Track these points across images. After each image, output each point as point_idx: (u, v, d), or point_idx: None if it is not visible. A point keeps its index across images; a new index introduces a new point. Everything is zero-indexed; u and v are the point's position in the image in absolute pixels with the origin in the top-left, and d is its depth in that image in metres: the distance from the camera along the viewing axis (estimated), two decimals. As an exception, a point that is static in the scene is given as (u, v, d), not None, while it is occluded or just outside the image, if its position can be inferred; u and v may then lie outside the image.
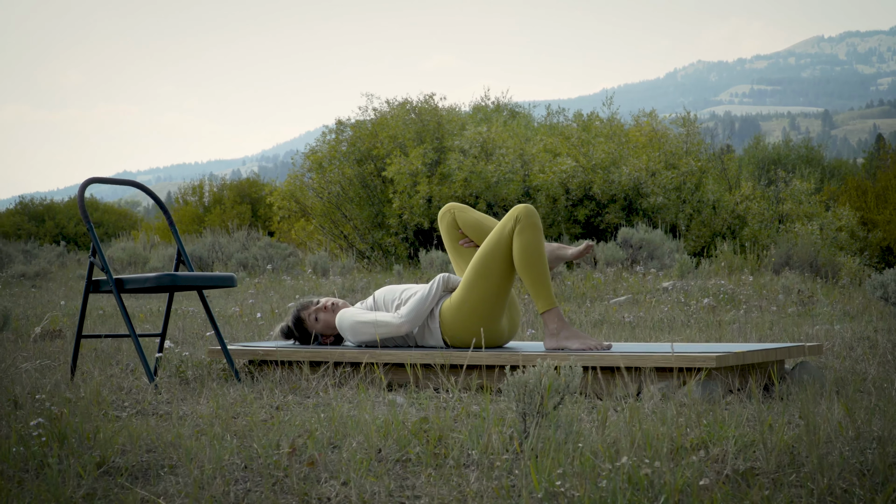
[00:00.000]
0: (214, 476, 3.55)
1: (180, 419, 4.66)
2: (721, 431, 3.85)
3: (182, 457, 3.76)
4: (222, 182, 41.85)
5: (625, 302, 11.90)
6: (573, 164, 21.06)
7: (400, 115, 23.40)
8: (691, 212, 20.54)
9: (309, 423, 4.39)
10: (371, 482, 3.42)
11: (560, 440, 3.48)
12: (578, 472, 3.03)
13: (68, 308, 11.65)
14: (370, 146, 23.32)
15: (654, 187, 20.57)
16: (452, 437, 3.84)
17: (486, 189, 21.37)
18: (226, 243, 21.68)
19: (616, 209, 20.83)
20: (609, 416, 4.24)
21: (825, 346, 7.53)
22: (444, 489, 3.30)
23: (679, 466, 3.08)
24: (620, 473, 2.95)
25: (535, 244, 6.01)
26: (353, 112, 35.63)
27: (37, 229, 43.25)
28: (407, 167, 21.88)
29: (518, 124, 25.24)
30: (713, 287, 12.58)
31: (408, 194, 21.93)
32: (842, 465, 3.36)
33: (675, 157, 21.25)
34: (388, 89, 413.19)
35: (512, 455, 3.52)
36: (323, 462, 3.64)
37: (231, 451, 3.83)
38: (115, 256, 20.06)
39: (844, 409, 4.18)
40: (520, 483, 3.13)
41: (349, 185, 23.48)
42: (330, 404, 4.95)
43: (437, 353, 5.95)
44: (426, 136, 22.83)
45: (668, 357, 5.47)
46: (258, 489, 3.43)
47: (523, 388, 3.73)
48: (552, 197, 21.13)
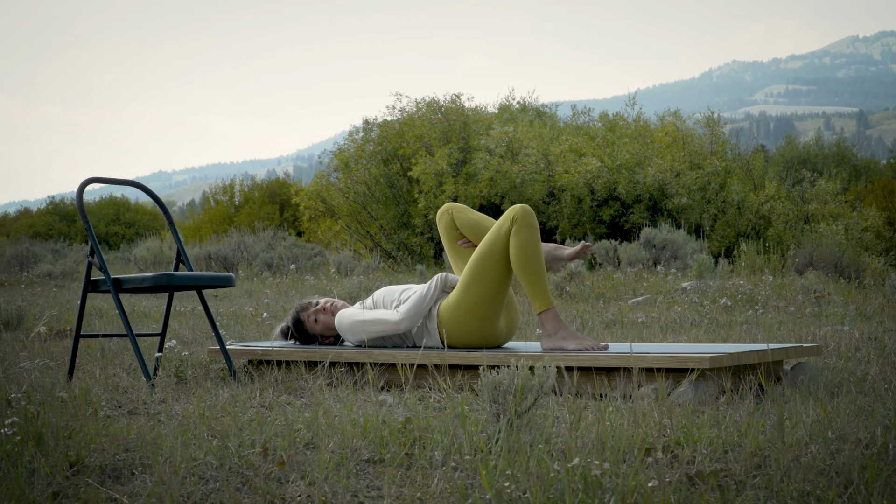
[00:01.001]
0: (186, 475, 3.56)
1: (168, 418, 4.68)
2: (698, 433, 3.83)
3: (157, 456, 3.77)
4: (252, 182, 41.95)
5: (643, 302, 11.87)
6: (598, 164, 21.03)
7: (427, 115, 23.42)
8: (716, 212, 20.48)
9: (295, 423, 4.40)
10: (337, 483, 3.42)
11: (525, 441, 3.47)
12: (535, 473, 3.02)
13: (91, 307, 11.70)
14: (396, 146, 23.34)
15: (679, 188, 20.51)
16: (429, 438, 3.84)
17: (511, 189, 21.36)
18: (251, 243, 21.73)
19: (641, 209, 20.79)
20: (589, 417, 4.23)
21: (831, 347, 7.49)
22: (407, 490, 3.30)
23: (632, 468, 3.06)
24: (571, 474, 2.94)
25: (531, 244, 6.00)
26: (380, 112, 35.69)
27: (68, 229, 43.47)
28: (433, 167, 21.89)
29: (543, 124, 25.21)
30: (732, 287, 12.54)
31: (433, 194, 21.94)
32: (807, 467, 3.34)
33: (700, 158, 21.19)
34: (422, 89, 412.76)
35: (481, 456, 3.51)
36: (294, 462, 3.64)
37: (207, 451, 3.84)
38: (140, 256, 20.12)
39: (822, 411, 4.15)
40: (476, 484, 3.13)
41: (375, 184, 23.50)
42: (321, 404, 4.95)
43: (433, 354, 5.95)
44: (452, 136, 22.83)
45: (662, 358, 5.46)
46: (226, 489, 3.44)
47: (497, 388, 3.73)
48: (577, 197, 21.10)
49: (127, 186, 6.60)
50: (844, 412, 4.35)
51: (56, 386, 5.73)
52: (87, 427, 4.19)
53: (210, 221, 38.71)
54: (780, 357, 5.89)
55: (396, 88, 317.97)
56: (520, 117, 26.00)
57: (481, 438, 3.52)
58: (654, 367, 5.52)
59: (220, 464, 3.74)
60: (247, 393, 5.52)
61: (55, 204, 45.49)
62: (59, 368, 6.63)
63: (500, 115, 26.21)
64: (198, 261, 20.53)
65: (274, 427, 4.13)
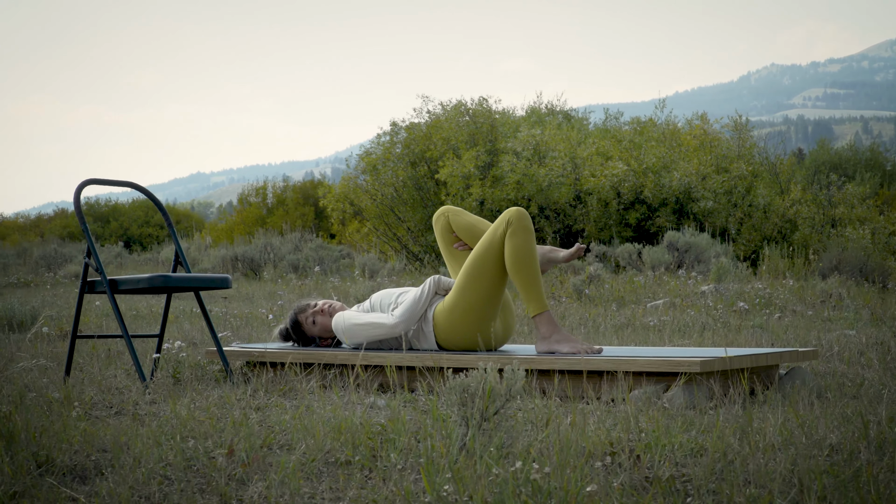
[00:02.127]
0: (152, 476, 3.58)
1: (151, 419, 4.70)
2: (667, 437, 3.83)
3: (128, 457, 3.79)
4: (285, 184, 42.04)
5: (661, 305, 11.84)
6: (625, 168, 20.99)
7: (454, 118, 23.42)
8: (742, 216, 20.41)
9: (273, 425, 4.42)
10: (298, 484, 3.43)
11: (483, 445, 3.48)
12: (481, 477, 3.03)
13: (103, 309, 11.75)
14: (423, 148, 23.36)
15: (705, 191, 20.45)
16: (396, 441, 3.85)
17: (538, 192, 21.34)
18: (278, 245, 21.78)
19: (667, 213, 20.75)
20: (565, 421, 4.22)
21: (835, 352, 7.46)
22: (367, 493, 3.31)
23: (576, 473, 3.06)
24: (514, 478, 2.94)
25: (526, 247, 6.01)
26: (407, 114, 35.73)
27: (102, 230, 43.68)
28: (459, 169, 21.90)
29: (571, 128, 25.18)
30: (751, 291, 12.50)
31: (460, 196, 21.95)
32: (764, 473, 3.33)
33: (727, 161, 21.13)
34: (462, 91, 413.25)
35: (436, 458, 3.51)
36: (262, 464, 3.66)
37: (176, 452, 3.85)
38: (165, 258, 20.20)
39: (794, 416, 4.14)
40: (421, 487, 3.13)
41: (402, 187, 23.53)
42: (300, 406, 4.97)
43: (424, 356, 5.95)
44: (479, 139, 22.84)
45: (653, 362, 5.45)
46: (187, 490, 3.45)
47: (464, 391, 3.73)
48: (603, 201, 21.07)
49: (128, 188, 6.63)
50: (828, 417, 4.33)
51: (50, 386, 5.76)
52: (56, 426, 4.22)
53: (243, 223, 38.81)
54: (775, 361, 5.87)
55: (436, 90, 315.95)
56: (548, 121, 25.97)
57: (442, 443, 3.52)
58: (644, 371, 5.51)
59: (187, 465, 3.75)
60: (236, 394, 5.54)
61: (90, 205, 45.73)
62: (59, 369, 6.66)
63: (528, 119, 26.19)
64: (224, 262, 20.59)
65: (248, 428, 4.15)
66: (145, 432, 4.18)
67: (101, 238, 42.32)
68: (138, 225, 44.35)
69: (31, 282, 18.19)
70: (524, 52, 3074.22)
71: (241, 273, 20.16)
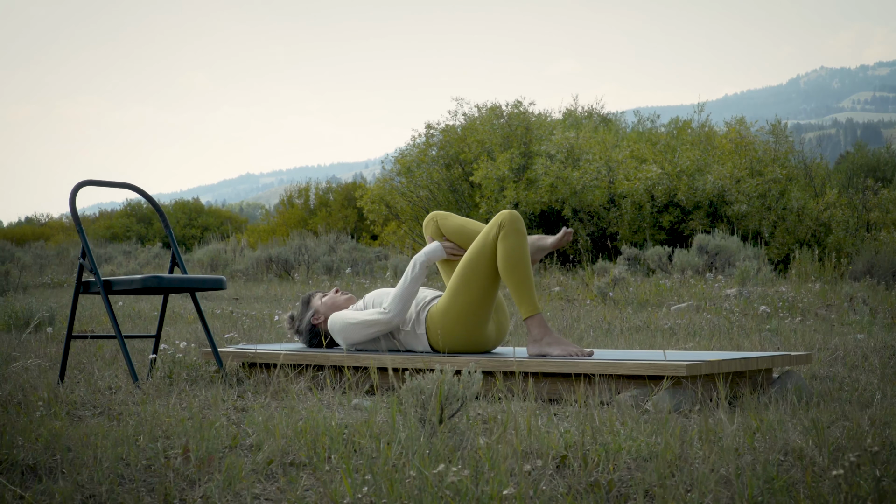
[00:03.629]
0: (106, 475, 3.60)
1: (130, 419, 4.73)
2: (624, 441, 3.82)
3: (88, 456, 3.82)
4: (328, 185, 42.12)
5: (685, 308, 11.81)
6: (659, 171, 20.93)
7: (489, 120, 23.44)
8: (775, 219, 20.31)
9: (243, 426, 4.44)
10: (243, 485, 3.45)
11: (433, 447, 3.48)
12: (410, 480, 3.04)
13: (126, 309, 11.83)
14: (458, 150, 23.39)
15: (739, 194, 20.37)
16: (350, 442, 3.86)
17: (572, 195, 21.32)
18: (313, 246, 21.85)
19: (701, 216, 20.68)
20: (537, 423, 4.22)
21: (840, 356, 7.42)
22: (311, 494, 3.32)
23: (496, 477, 3.07)
24: (430, 481, 2.95)
25: (518, 249, 6.01)
26: (442, 116, 35.80)
27: (146, 231, 43.94)
28: (494, 172, 21.91)
29: (608, 130, 25.14)
30: (774, 295, 12.45)
31: (495, 199, 21.96)
32: (708, 479, 3.32)
33: (762, 165, 21.03)
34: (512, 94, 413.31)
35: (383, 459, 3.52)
36: (217, 465, 3.68)
37: (135, 452, 3.88)
38: (197, 259, 20.29)
39: (755, 421, 4.12)
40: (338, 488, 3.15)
41: (437, 189, 23.57)
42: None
43: (417, 358, 5.96)
44: (514, 141, 22.84)
45: (640, 365, 5.44)
46: (137, 489, 3.48)
47: (420, 394, 3.74)
48: (637, 204, 21.02)
49: (126, 189, 6.68)
50: (794, 422, 4.31)
51: (40, 386, 5.80)
52: (22, 424, 4.26)
53: (285, 224, 38.91)
54: (765, 366, 5.84)
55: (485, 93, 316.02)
56: (584, 123, 25.94)
57: (388, 444, 3.53)
58: (627, 375, 5.50)
59: (148, 464, 3.78)
60: (222, 395, 5.56)
61: (133, 206, 46.02)
62: (58, 369, 6.70)
63: (564, 121, 26.17)
64: (258, 264, 20.66)
65: (214, 430, 4.17)
66: (114, 432, 4.21)
67: (145, 239, 42.57)
68: (181, 226, 44.56)
69: (63, 282, 18.32)
70: (571, 55, 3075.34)
71: (274, 274, 20.23)
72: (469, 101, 26.83)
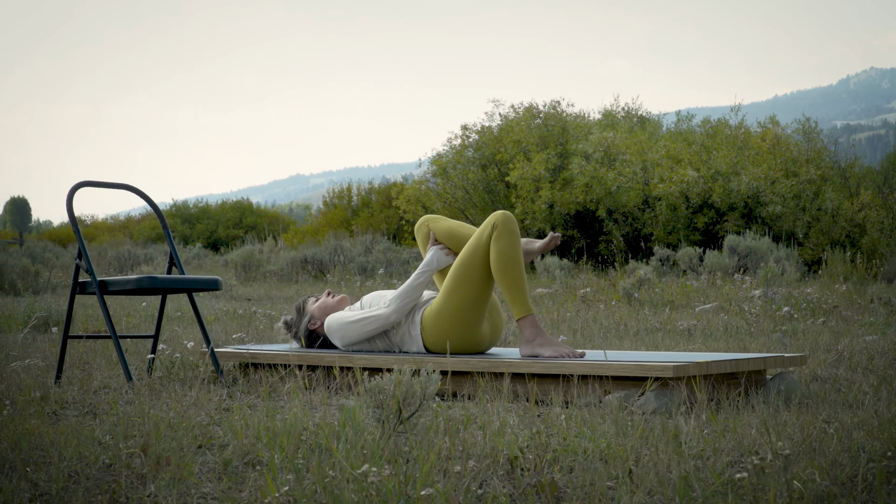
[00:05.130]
0: (62, 473, 3.64)
1: (109, 417, 4.77)
2: (580, 442, 3.83)
3: (53, 455, 3.86)
4: (370, 185, 42.19)
5: (710, 309, 11.78)
6: (694, 174, 20.87)
7: (525, 121, 23.45)
8: (809, 220, 20.20)
9: (220, 426, 4.48)
10: (190, 483, 3.48)
11: (388, 447, 3.50)
12: (325, 477, 3.06)
13: (148, 310, 11.90)
14: (494, 151, 23.41)
15: (773, 195, 20.28)
16: (318, 443, 3.88)
17: (607, 195, 21.31)
18: (348, 247, 21.91)
19: (735, 217, 20.60)
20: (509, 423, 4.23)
21: (847, 357, 7.38)
22: (248, 493, 3.35)
23: (421, 474, 3.08)
24: (358, 481, 2.97)
25: (511, 251, 6.02)
26: (478, 117, 35.79)
27: (190, 231, 44.17)
28: (529, 172, 21.92)
29: (644, 131, 25.10)
30: (800, 296, 12.38)
31: (530, 199, 21.98)
32: (658, 480, 3.33)
33: (796, 165, 20.92)
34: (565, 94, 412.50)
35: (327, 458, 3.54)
36: (174, 464, 3.71)
37: (100, 451, 3.92)
38: (230, 260, 20.38)
39: (714, 423, 4.12)
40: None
41: (473, 190, 23.60)
42: (272, 407, 5.02)
43: (408, 359, 5.98)
44: (550, 141, 22.84)
45: (627, 366, 5.44)
46: (90, 488, 3.51)
47: (379, 394, 3.76)
48: (672, 205, 20.97)
49: (125, 190, 6.73)
50: (757, 425, 4.30)
51: (35, 386, 5.85)
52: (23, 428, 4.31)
53: (328, 225, 39.01)
54: (758, 367, 5.82)
55: (540, 92, 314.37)
56: (621, 123, 25.90)
57: (333, 444, 3.55)
58: (614, 376, 5.51)
59: (109, 463, 3.82)
60: (210, 395, 5.60)
61: (178, 206, 46.28)
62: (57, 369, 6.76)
63: (601, 122, 26.14)
64: (293, 264, 20.73)
65: (182, 429, 4.21)
66: (85, 431, 4.25)
67: (189, 239, 42.79)
68: (225, 227, 44.77)
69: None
70: (621, 57, 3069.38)
71: (309, 275, 20.30)
72: (505, 101, 26.87)
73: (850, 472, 3.36)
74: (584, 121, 24.94)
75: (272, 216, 48.71)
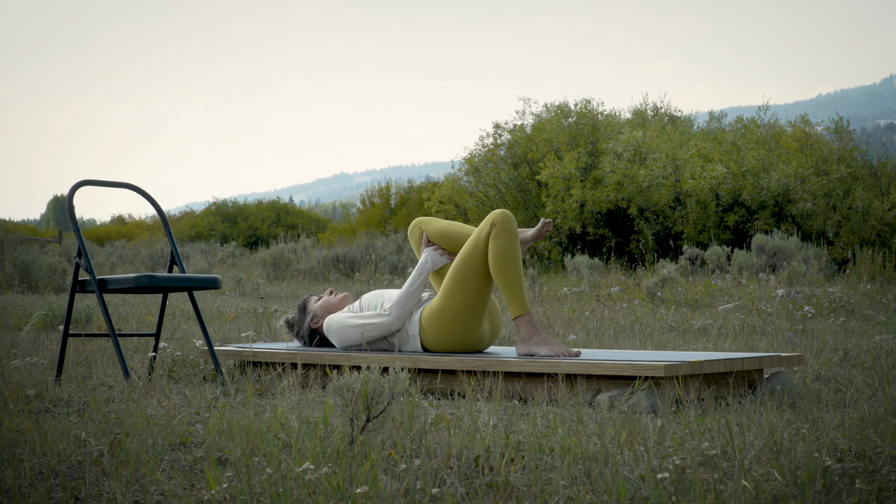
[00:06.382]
0: (31, 471, 3.68)
1: (96, 415, 4.81)
2: (549, 441, 3.84)
3: (25, 452, 3.90)
4: (408, 184, 42.23)
5: (732, 309, 11.74)
6: (724, 170, 20.82)
7: (556, 120, 23.44)
8: (840, 219, 20.09)
9: (200, 424, 4.51)
10: (149, 480, 3.51)
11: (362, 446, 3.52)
12: (265, 474, 3.08)
13: (170, 308, 11.97)
14: (526, 150, 23.41)
15: (804, 193, 20.19)
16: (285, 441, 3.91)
17: (638, 193, 21.28)
18: (380, 246, 21.95)
19: (766, 215, 20.52)
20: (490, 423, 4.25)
21: (852, 357, 7.35)
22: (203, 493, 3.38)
23: (360, 472, 3.09)
24: (296, 478, 2.99)
25: (509, 249, 6.03)
26: (510, 116, 35.79)
27: (230, 230, 44.35)
28: (560, 171, 21.91)
29: (674, 129, 25.03)
30: (823, 295, 12.32)
31: (561, 198, 21.96)
32: (598, 479, 3.33)
33: (827, 164, 20.81)
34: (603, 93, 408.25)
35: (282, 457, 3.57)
36: (133, 461, 3.73)
37: (74, 447, 3.96)
38: (259, 259, 20.46)
39: (682, 419, 4.12)
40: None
41: (505, 188, 23.60)
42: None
43: (405, 357, 6.00)
44: (580, 140, 22.82)
45: (619, 365, 5.44)
46: (54, 485, 3.55)
47: (347, 392, 3.78)
48: (702, 203, 20.91)
49: (131, 190, 6.78)
50: (723, 426, 4.30)
51: (34, 384, 5.90)
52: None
53: (366, 224, 39.06)
54: (754, 366, 5.81)
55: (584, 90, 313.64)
56: (652, 122, 25.85)
57: (292, 443, 3.57)
58: (605, 375, 5.51)
59: (82, 460, 3.85)
60: (203, 393, 5.63)
61: (217, 205, 46.46)
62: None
63: (632, 122, 26.08)
64: (325, 263, 20.77)
65: (161, 427, 4.24)
66: (67, 428, 4.29)
67: (229, 238, 42.96)
68: (267, 225, 44.93)
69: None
70: (665, 55, 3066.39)
71: (341, 273, 20.35)
72: (538, 100, 26.92)
73: (809, 474, 3.35)
74: (615, 120, 24.90)
75: (310, 216, 48.85)
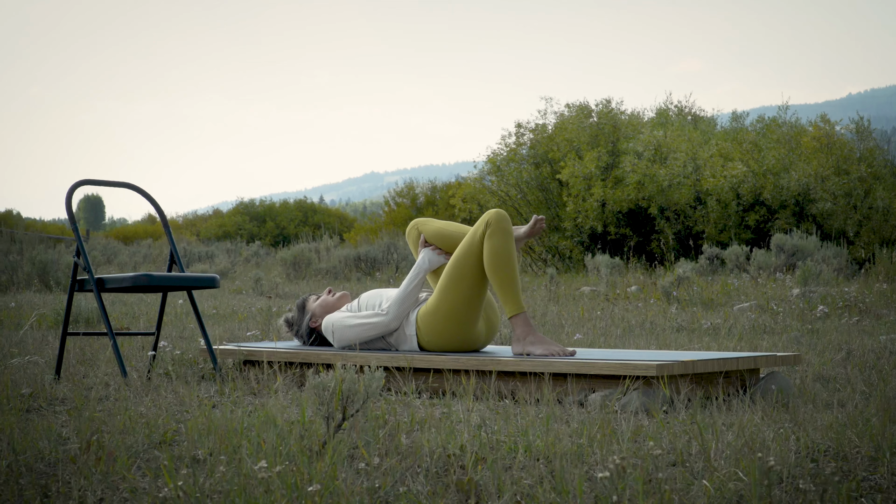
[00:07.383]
0: (5, 469, 3.71)
1: (84, 413, 4.83)
2: (528, 441, 3.85)
3: (4, 449, 3.93)
4: (432, 184, 42.27)
5: (746, 308, 11.72)
6: (744, 169, 20.78)
7: (577, 119, 23.44)
8: (860, 218, 20.01)
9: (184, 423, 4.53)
10: (119, 479, 3.53)
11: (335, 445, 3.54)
12: (220, 473, 3.10)
13: (185, 307, 12.01)
14: (547, 149, 23.41)
15: (824, 193, 20.12)
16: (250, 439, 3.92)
17: (658, 193, 21.26)
18: (402, 246, 21.98)
19: (786, 215, 20.46)
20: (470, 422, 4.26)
21: (853, 357, 7.33)
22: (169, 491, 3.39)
23: (316, 471, 3.11)
24: (250, 476, 3.01)
25: (503, 248, 6.04)
26: (532, 115, 35.84)
27: (257, 230, 44.50)
28: (581, 170, 21.91)
29: (695, 128, 24.99)
30: (838, 295, 12.28)
31: (581, 197, 21.96)
32: (574, 480, 3.34)
33: (847, 163, 20.73)
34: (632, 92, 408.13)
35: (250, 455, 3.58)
36: (103, 459, 3.75)
37: (55, 445, 3.99)
38: (279, 258, 20.49)
39: (660, 424, 4.12)
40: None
41: (527, 188, 23.61)
42: (246, 403, 5.07)
43: (400, 357, 6.02)
44: (601, 140, 22.82)
45: (612, 365, 5.45)
46: (27, 483, 3.57)
47: (323, 391, 3.79)
48: (723, 202, 20.87)
49: (131, 189, 6.81)
50: (699, 425, 4.30)
51: (27, 382, 5.93)
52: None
53: (391, 223, 39.11)
54: (749, 366, 5.80)
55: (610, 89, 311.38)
56: (674, 122, 25.81)
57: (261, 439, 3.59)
58: (598, 374, 5.51)
59: (59, 458, 3.88)
60: (197, 392, 5.66)
61: (244, 205, 46.63)
62: (65, 366, 6.85)
63: (654, 121, 26.05)
64: (346, 262, 20.79)
65: (144, 425, 4.26)
66: (48, 426, 4.32)
67: (256, 237, 43.10)
68: (294, 224, 45.09)
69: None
70: (695, 55, 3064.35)
71: (363, 273, 20.36)
72: (560, 100, 26.91)
73: (778, 475, 3.35)
74: (637, 119, 24.88)
75: (337, 214, 48.95)
